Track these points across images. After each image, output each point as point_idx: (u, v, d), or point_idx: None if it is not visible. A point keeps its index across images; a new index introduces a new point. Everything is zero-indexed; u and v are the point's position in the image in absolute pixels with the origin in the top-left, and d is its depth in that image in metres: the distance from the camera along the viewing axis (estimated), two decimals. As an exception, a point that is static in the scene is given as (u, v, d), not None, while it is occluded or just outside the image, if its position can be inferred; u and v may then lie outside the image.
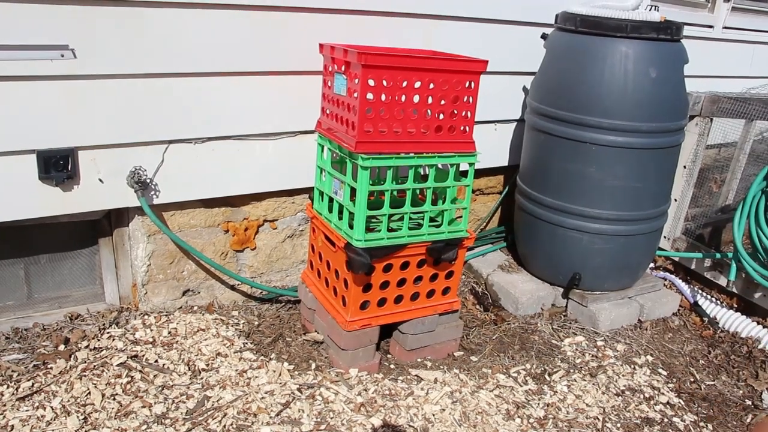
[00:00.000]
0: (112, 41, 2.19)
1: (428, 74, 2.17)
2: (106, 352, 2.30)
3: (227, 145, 2.56)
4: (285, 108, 2.62)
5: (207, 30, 2.34)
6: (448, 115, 2.26)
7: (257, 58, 2.48)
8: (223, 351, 2.40)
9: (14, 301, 2.53)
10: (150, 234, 2.56)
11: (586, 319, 2.95)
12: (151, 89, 2.33)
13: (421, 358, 2.55)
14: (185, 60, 2.34)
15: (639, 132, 2.69)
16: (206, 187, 2.58)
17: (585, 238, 2.86)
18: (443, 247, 2.36)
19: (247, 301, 2.88)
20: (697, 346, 2.93)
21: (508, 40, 3.12)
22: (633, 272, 3.06)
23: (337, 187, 2.35)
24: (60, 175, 2.24)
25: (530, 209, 3.01)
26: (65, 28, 2.10)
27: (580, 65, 2.75)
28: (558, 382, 2.50)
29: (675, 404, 2.48)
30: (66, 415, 1.99)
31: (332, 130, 2.33)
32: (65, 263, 2.60)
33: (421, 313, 2.48)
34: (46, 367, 2.21)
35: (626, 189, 2.78)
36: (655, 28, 2.64)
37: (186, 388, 2.18)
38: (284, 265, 2.96)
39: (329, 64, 2.32)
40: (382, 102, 2.12)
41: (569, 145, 2.78)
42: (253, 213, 2.78)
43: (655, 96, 2.69)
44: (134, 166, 2.38)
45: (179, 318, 2.58)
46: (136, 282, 2.63)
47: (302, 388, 2.24)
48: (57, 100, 2.17)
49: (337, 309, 2.39)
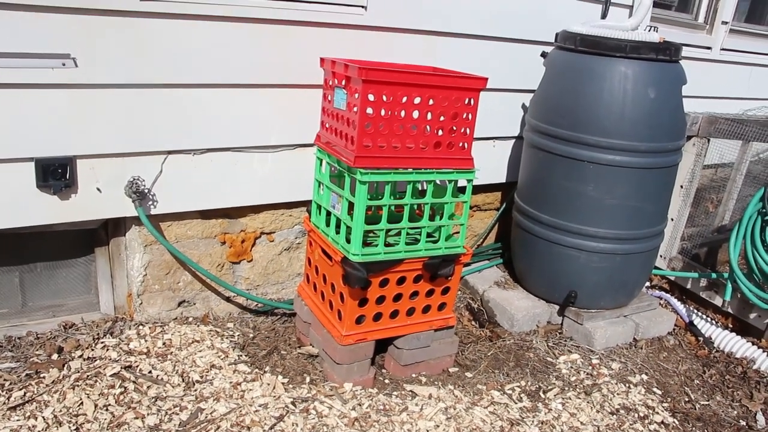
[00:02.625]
0: (114, 51, 2.20)
1: (428, 90, 2.18)
2: (100, 362, 2.29)
3: (226, 156, 2.57)
4: (284, 121, 2.63)
5: (208, 42, 2.36)
6: (447, 131, 2.27)
7: (257, 70, 2.49)
8: (217, 363, 2.39)
9: (8, 309, 2.52)
10: (147, 244, 2.55)
11: (581, 336, 2.95)
12: (150, 100, 2.33)
13: (415, 374, 2.55)
14: (185, 71, 2.35)
15: (637, 151, 2.71)
16: (204, 198, 2.58)
17: (582, 256, 2.86)
18: (440, 262, 2.36)
19: (243, 313, 2.87)
20: (692, 365, 2.93)
21: (508, 58, 3.15)
22: (629, 291, 3.06)
23: (335, 201, 2.35)
24: (58, 183, 2.23)
25: (527, 226, 3.01)
26: (67, 37, 2.11)
27: (579, 84, 2.76)
28: (553, 400, 2.50)
29: (669, 424, 2.48)
30: (58, 425, 1.98)
31: (331, 144, 2.33)
32: (61, 272, 2.60)
33: (417, 329, 2.47)
34: (38, 376, 2.20)
35: (624, 208, 2.78)
36: (654, 48, 2.67)
37: (180, 400, 2.17)
38: (280, 278, 2.95)
39: (329, 78, 2.33)
40: (382, 117, 2.13)
41: (567, 163, 2.79)
42: (251, 225, 2.78)
43: (653, 116, 2.71)
44: (133, 175, 2.38)
45: (174, 329, 2.57)
46: (131, 292, 2.62)
47: (296, 402, 2.23)
48: (57, 109, 2.18)
49: (333, 323, 2.39)
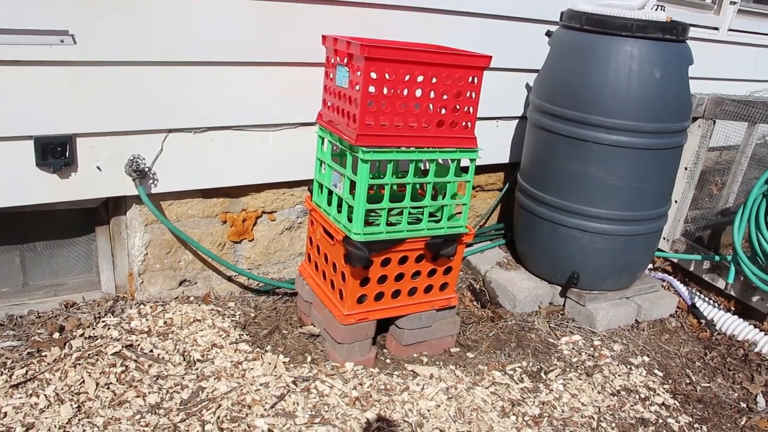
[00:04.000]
0: (113, 28, 2.17)
1: (431, 68, 2.15)
2: (101, 341, 2.29)
3: (227, 135, 2.55)
4: (286, 99, 2.61)
5: (209, 19, 2.33)
6: (450, 110, 2.24)
7: (259, 48, 2.47)
8: (218, 342, 2.39)
9: (9, 288, 2.52)
10: (147, 223, 2.54)
11: (583, 318, 2.94)
12: (151, 77, 2.31)
13: (417, 354, 2.55)
14: (186, 48, 2.33)
15: (642, 132, 2.68)
16: (205, 177, 2.57)
17: (585, 238, 2.84)
18: (442, 242, 2.35)
19: (244, 293, 2.87)
20: (693, 347, 2.93)
21: (513, 37, 3.11)
22: (631, 273, 3.05)
23: (336, 180, 2.33)
24: (57, 162, 2.22)
25: (530, 207, 3.00)
26: (66, 13, 2.08)
27: (584, 64, 2.73)
28: (554, 381, 2.50)
29: (670, 405, 2.48)
30: (59, 403, 1.98)
31: (333, 123, 2.31)
32: (61, 251, 2.59)
33: (419, 309, 2.47)
34: (40, 354, 2.20)
35: (627, 189, 2.76)
36: (660, 28, 2.63)
37: (181, 379, 2.17)
38: (282, 258, 2.95)
39: (332, 56, 2.30)
40: (384, 95, 2.11)
41: (571, 143, 2.77)
42: (252, 204, 2.77)
43: (658, 96, 2.68)
44: (133, 154, 2.37)
45: (175, 308, 2.57)
46: (132, 271, 2.61)
47: (297, 381, 2.23)
48: (56, 86, 2.16)
49: (334, 302, 2.38)
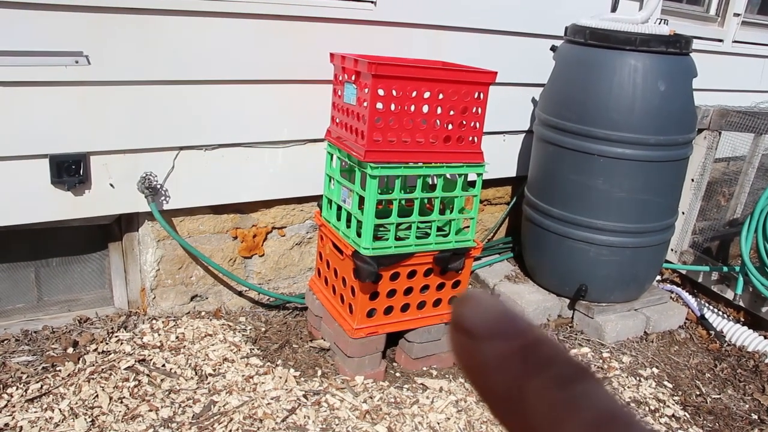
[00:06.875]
0: (125, 48, 2.22)
1: (438, 85, 2.18)
2: (114, 356, 2.32)
3: (237, 152, 2.58)
4: (295, 116, 2.64)
5: (218, 38, 2.37)
6: (457, 125, 2.27)
7: (267, 66, 2.51)
8: (230, 356, 2.42)
9: (24, 303, 2.55)
10: (159, 239, 2.58)
11: (592, 330, 2.95)
12: (162, 96, 2.35)
13: (426, 367, 2.56)
14: (196, 67, 2.37)
15: (647, 145, 2.70)
16: (216, 193, 2.60)
17: (592, 250, 2.86)
18: (450, 256, 2.37)
19: (255, 308, 2.89)
20: (703, 359, 2.92)
21: (518, 52, 3.14)
22: (640, 284, 3.05)
23: (345, 196, 2.36)
24: (72, 179, 2.26)
25: (538, 220, 3.01)
26: (79, 34, 2.13)
27: (588, 77, 2.76)
28: (563, 393, 2.50)
29: (680, 417, 2.47)
30: (74, 417, 2.01)
31: (342, 139, 2.35)
32: (75, 267, 2.63)
33: (428, 322, 2.48)
34: (54, 369, 2.23)
35: (634, 201, 2.78)
36: (664, 41, 2.66)
37: (193, 393, 2.20)
38: (292, 272, 2.97)
39: (339, 73, 2.34)
40: (392, 111, 2.14)
41: (577, 156, 2.79)
42: (262, 220, 2.80)
43: (663, 109, 2.70)
44: (145, 171, 2.41)
45: (187, 323, 2.60)
46: (144, 286, 2.65)
47: (308, 395, 2.25)
48: (70, 106, 2.20)
49: (344, 316, 2.41)
